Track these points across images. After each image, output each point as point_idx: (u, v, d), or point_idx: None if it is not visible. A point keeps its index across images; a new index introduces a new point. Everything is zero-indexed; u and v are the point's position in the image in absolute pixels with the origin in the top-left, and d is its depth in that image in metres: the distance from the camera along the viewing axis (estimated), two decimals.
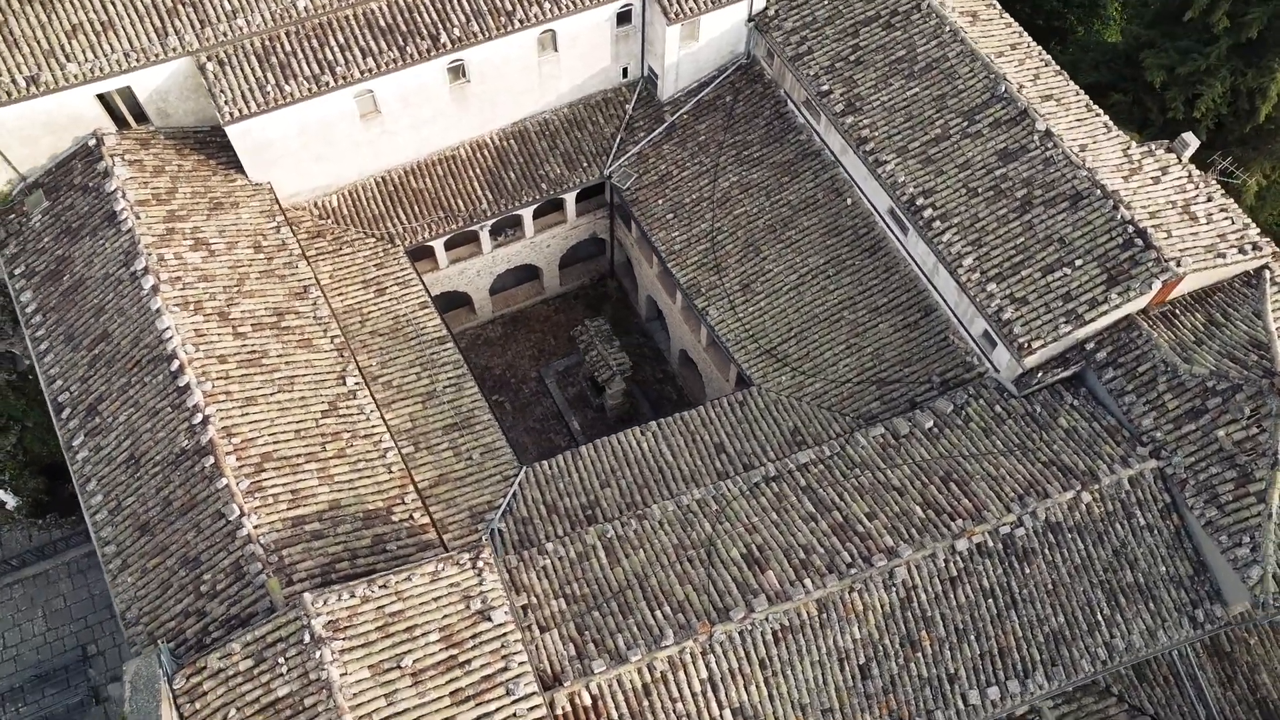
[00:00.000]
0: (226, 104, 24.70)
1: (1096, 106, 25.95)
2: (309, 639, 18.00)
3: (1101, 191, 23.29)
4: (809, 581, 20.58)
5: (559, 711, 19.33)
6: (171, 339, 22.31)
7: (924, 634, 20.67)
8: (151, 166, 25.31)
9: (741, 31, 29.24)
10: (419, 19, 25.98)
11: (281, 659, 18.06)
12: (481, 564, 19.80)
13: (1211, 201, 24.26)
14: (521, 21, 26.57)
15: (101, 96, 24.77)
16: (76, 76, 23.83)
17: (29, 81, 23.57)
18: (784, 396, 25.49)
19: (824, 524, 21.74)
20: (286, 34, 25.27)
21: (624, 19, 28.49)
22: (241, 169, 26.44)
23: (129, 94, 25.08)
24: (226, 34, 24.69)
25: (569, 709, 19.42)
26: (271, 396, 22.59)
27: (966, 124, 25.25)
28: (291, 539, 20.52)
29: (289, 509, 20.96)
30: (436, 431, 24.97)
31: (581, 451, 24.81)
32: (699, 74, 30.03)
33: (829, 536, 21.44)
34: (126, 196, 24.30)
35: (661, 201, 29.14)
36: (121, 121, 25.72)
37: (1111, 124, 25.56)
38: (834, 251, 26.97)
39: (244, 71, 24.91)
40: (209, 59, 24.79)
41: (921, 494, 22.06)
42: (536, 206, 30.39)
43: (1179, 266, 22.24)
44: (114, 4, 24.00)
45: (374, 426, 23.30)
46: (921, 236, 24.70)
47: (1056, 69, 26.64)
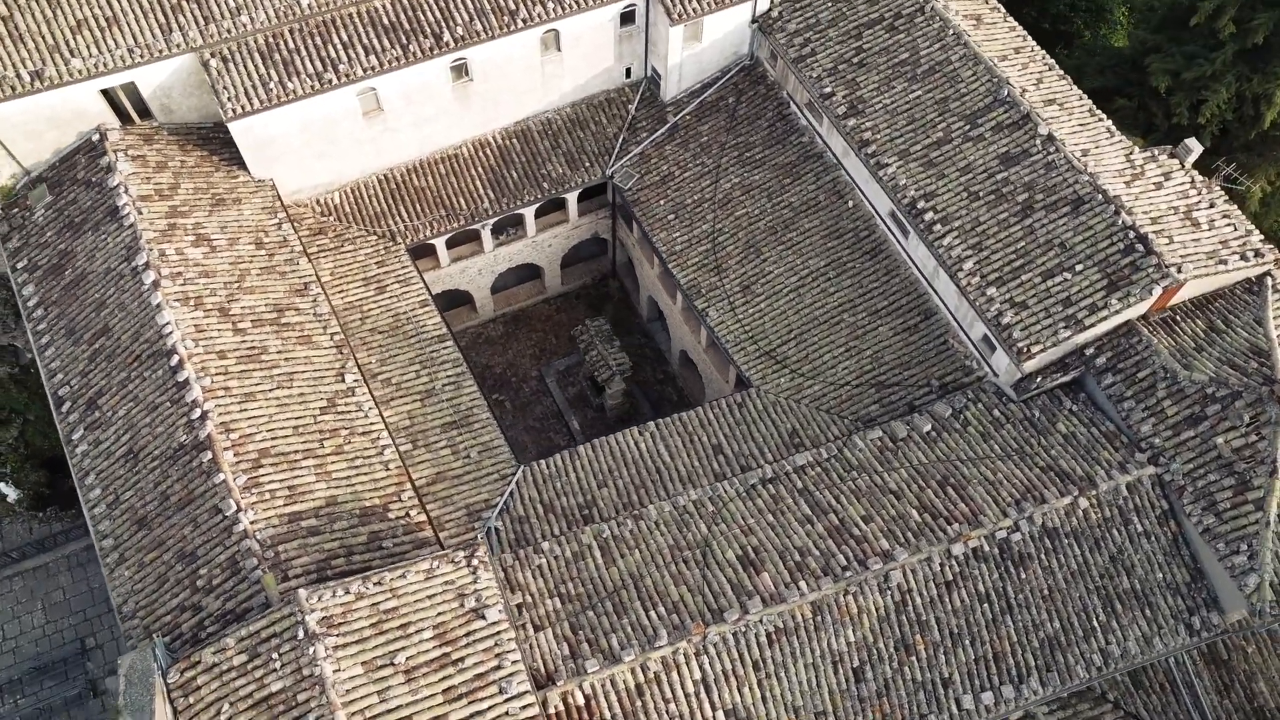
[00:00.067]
0: (229, 100, 24.79)
1: (1100, 111, 25.86)
2: (303, 635, 18.05)
3: (1103, 197, 23.22)
4: (804, 584, 20.56)
5: (552, 710, 19.33)
6: (171, 334, 22.39)
7: (918, 638, 20.63)
8: (154, 162, 25.41)
9: (745, 33, 29.22)
10: (422, 17, 26.03)
11: (275, 654, 18.11)
12: (476, 562, 19.83)
13: (1214, 208, 24.16)
14: (525, 21, 26.59)
15: (106, 92, 24.89)
16: (81, 72, 23.94)
17: (34, 76, 23.69)
18: (783, 398, 25.47)
19: (820, 526, 21.72)
20: (290, 31, 25.35)
21: (627, 19, 28.49)
22: (244, 165, 26.53)
23: (133, 90, 25.20)
24: (230, 31, 24.78)
25: (562, 708, 19.42)
26: (270, 392, 22.65)
27: (968, 127, 25.20)
28: (288, 535, 20.58)
29: (286, 505, 21.02)
30: (435, 429, 25.00)
31: (579, 451, 24.81)
32: (702, 75, 30.03)
33: (825, 539, 21.42)
34: (129, 192, 24.39)
35: (663, 202, 29.14)
36: (125, 117, 25.84)
37: (1114, 129, 25.47)
38: (835, 254, 26.95)
39: (247, 68, 24.99)
40: (212, 55, 24.88)
41: (918, 498, 22.02)
42: (538, 206, 30.41)
43: (1179, 273, 22.17)
44: (119, 0, 24.10)
45: (372, 424, 23.35)
46: (922, 240, 24.66)
47: (1060, 73, 26.57)
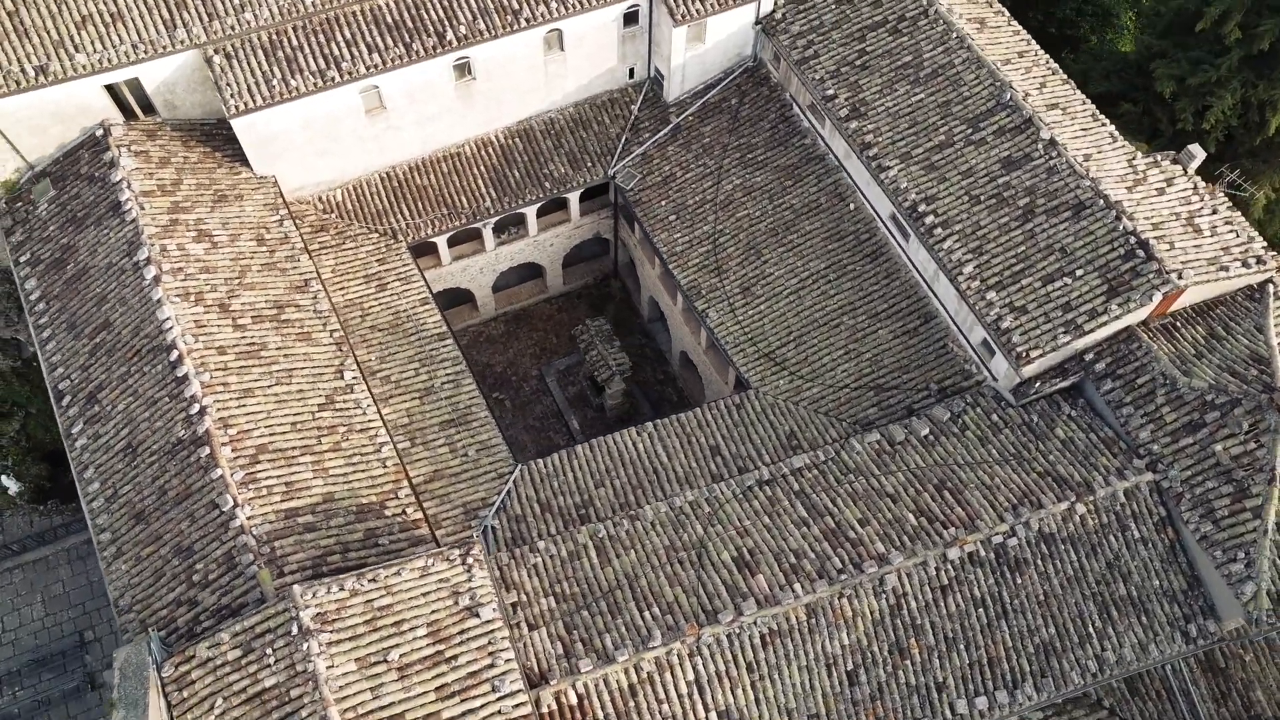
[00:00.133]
0: (232, 97, 24.86)
1: (1103, 116, 25.77)
2: (297, 631, 18.09)
3: (1104, 202, 23.15)
4: (799, 586, 20.54)
5: (545, 710, 19.36)
6: (171, 329, 22.47)
7: (913, 642, 20.59)
8: (157, 158, 25.49)
9: (748, 34, 29.21)
10: (425, 16, 26.08)
11: (269, 650, 18.15)
12: (471, 560, 19.85)
13: (1216, 214, 24.08)
14: (528, 20, 26.62)
15: (110, 87, 24.97)
16: (85, 67, 24.03)
17: (38, 71, 23.80)
18: (781, 400, 25.45)
19: (816, 529, 21.70)
20: (293, 28, 25.41)
21: (631, 19, 28.49)
22: (247, 162, 26.60)
23: (137, 85, 25.28)
24: (234, 27, 24.86)
25: (555, 707, 19.44)
26: (269, 389, 22.71)
27: (971, 131, 25.15)
28: (284, 531, 20.64)
29: (283, 501, 21.07)
30: (433, 427, 25.04)
31: (577, 451, 24.83)
32: (705, 76, 30.02)
33: (820, 542, 21.40)
34: (131, 187, 24.48)
35: (665, 203, 29.14)
36: (129, 112, 25.92)
37: (1117, 134, 25.39)
38: (835, 256, 26.92)
39: (250, 65, 25.06)
40: (216, 52, 24.96)
41: (915, 501, 21.99)
42: (540, 205, 30.44)
43: (1180, 279, 22.09)
44: None
45: (370, 421, 23.39)
46: (922, 243, 24.62)
47: (1063, 78, 26.49)
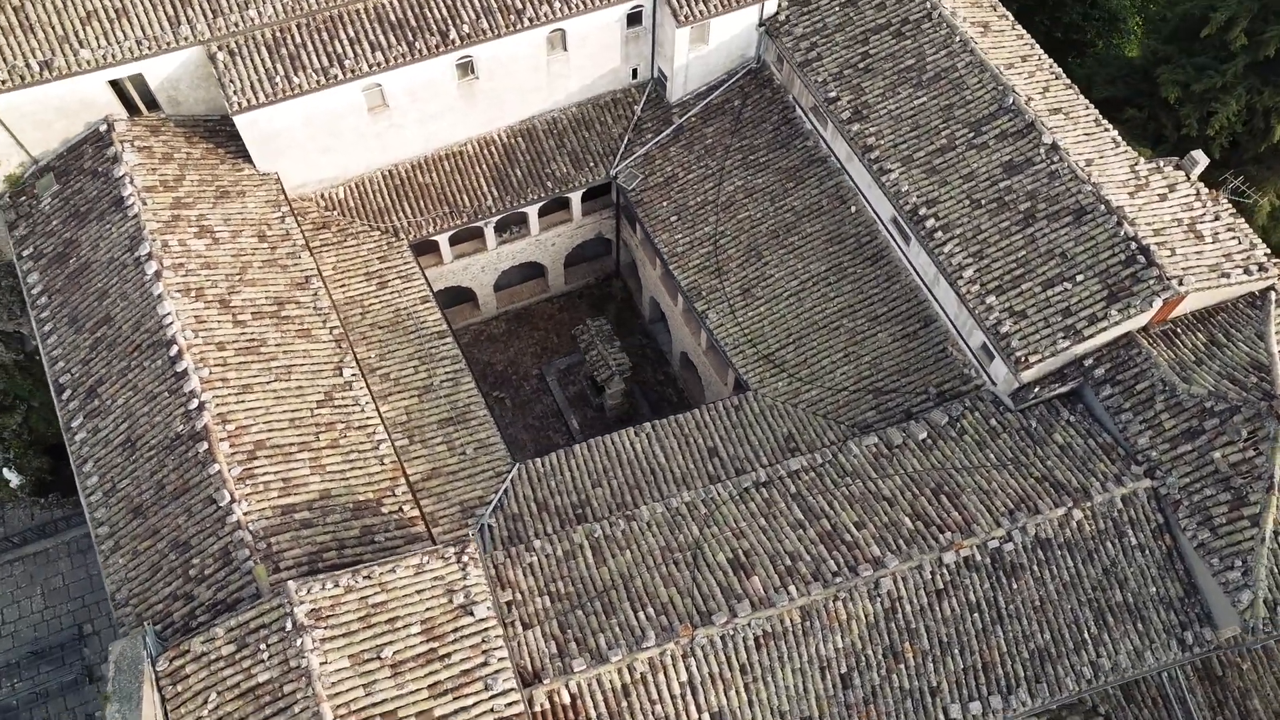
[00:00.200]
0: (235, 94, 24.94)
1: (1106, 121, 25.69)
2: (291, 626, 18.13)
3: (1105, 207, 23.09)
4: (793, 588, 20.53)
5: (537, 709, 19.37)
6: (172, 324, 22.55)
7: (907, 646, 20.56)
8: (160, 153, 25.59)
9: (752, 36, 29.21)
10: (429, 14, 26.13)
11: (263, 645, 18.20)
12: (466, 559, 19.87)
13: (1219, 220, 24.00)
14: (531, 20, 26.66)
15: (114, 83, 25.08)
16: (89, 62, 24.13)
17: (43, 66, 23.90)
18: (780, 402, 25.43)
19: (812, 531, 21.68)
20: (297, 26, 25.49)
21: (634, 20, 28.51)
22: (249, 158, 26.69)
23: (141, 81, 25.39)
24: (238, 24, 24.94)
25: (547, 706, 19.46)
26: (268, 385, 22.77)
27: (973, 135, 25.10)
28: (280, 527, 20.69)
29: (280, 497, 21.12)
30: (431, 425, 25.08)
31: (575, 450, 24.84)
32: (708, 77, 30.02)
33: (816, 544, 21.38)
34: (134, 182, 24.57)
35: (666, 203, 29.14)
36: (133, 108, 26.02)
37: (1120, 139, 25.33)
38: (836, 259, 26.90)
39: (254, 62, 25.14)
40: (220, 48, 25.04)
41: (911, 505, 21.95)
42: (542, 205, 30.47)
43: (1180, 285, 22.02)
44: None
45: (368, 418, 23.44)
46: (923, 246, 24.58)
47: (1066, 82, 26.43)
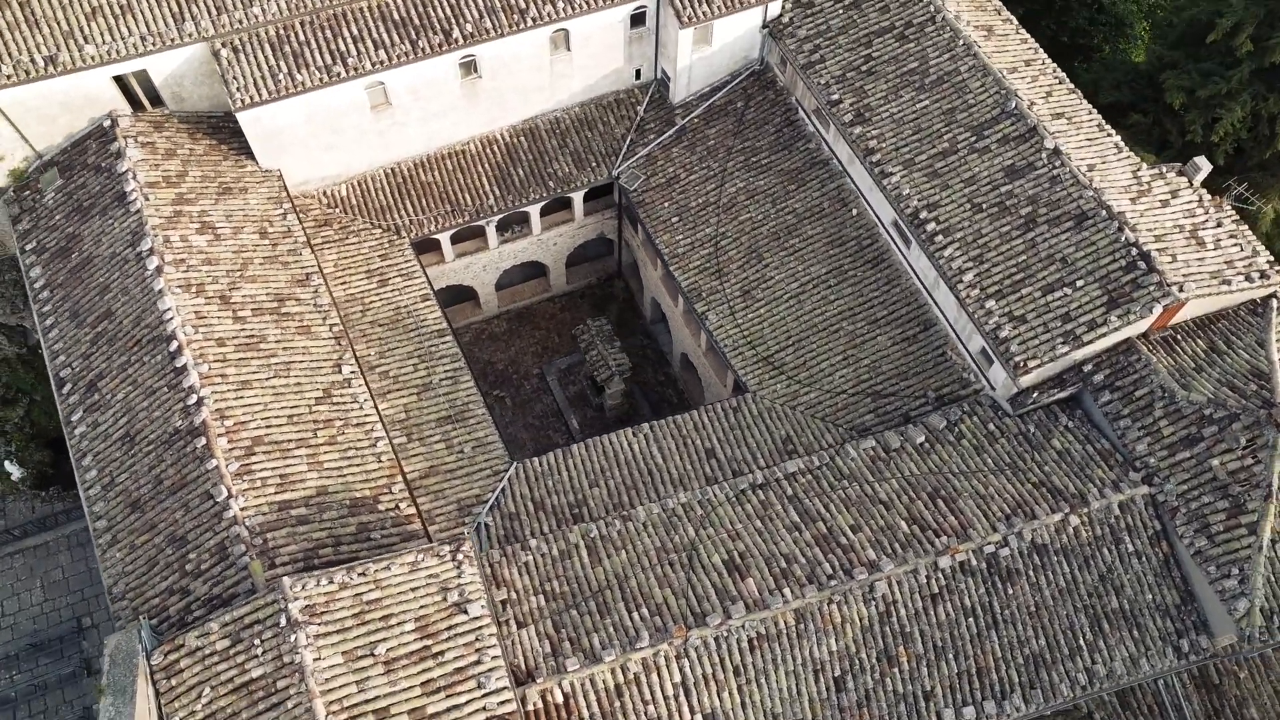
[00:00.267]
0: (238, 90, 25.02)
1: (1109, 126, 25.63)
2: (285, 622, 18.19)
3: (1107, 212, 23.02)
4: (788, 591, 20.51)
5: (530, 707, 19.40)
6: (172, 320, 22.63)
7: (902, 650, 20.53)
8: (163, 149, 25.69)
9: (756, 37, 29.19)
10: (432, 13, 26.17)
11: (257, 640, 18.27)
12: (461, 557, 19.91)
13: (1221, 227, 23.90)
14: (534, 20, 26.68)
15: (118, 79, 25.18)
16: (94, 58, 24.24)
17: (48, 61, 24.00)
18: (778, 404, 25.41)
19: (807, 534, 21.66)
20: (301, 23, 25.55)
21: (638, 20, 28.52)
22: (252, 155, 26.77)
23: (145, 77, 25.48)
24: (242, 21, 25.01)
25: (540, 705, 19.48)
26: (267, 381, 22.83)
27: (975, 139, 25.06)
28: (277, 523, 20.75)
29: (277, 493, 21.19)
30: (430, 423, 25.13)
31: (573, 450, 24.87)
32: (712, 78, 30.02)
33: (811, 547, 21.36)
34: (137, 178, 24.67)
35: (668, 204, 29.15)
36: (137, 104, 26.13)
37: (1123, 144, 25.26)
38: (836, 261, 26.88)
39: (257, 59, 25.22)
40: (224, 45, 25.13)
41: (908, 509, 21.92)
42: (544, 204, 30.50)
43: (1181, 291, 21.95)
44: None
45: (366, 415, 23.49)
46: (923, 250, 24.54)
47: (1070, 87, 26.36)
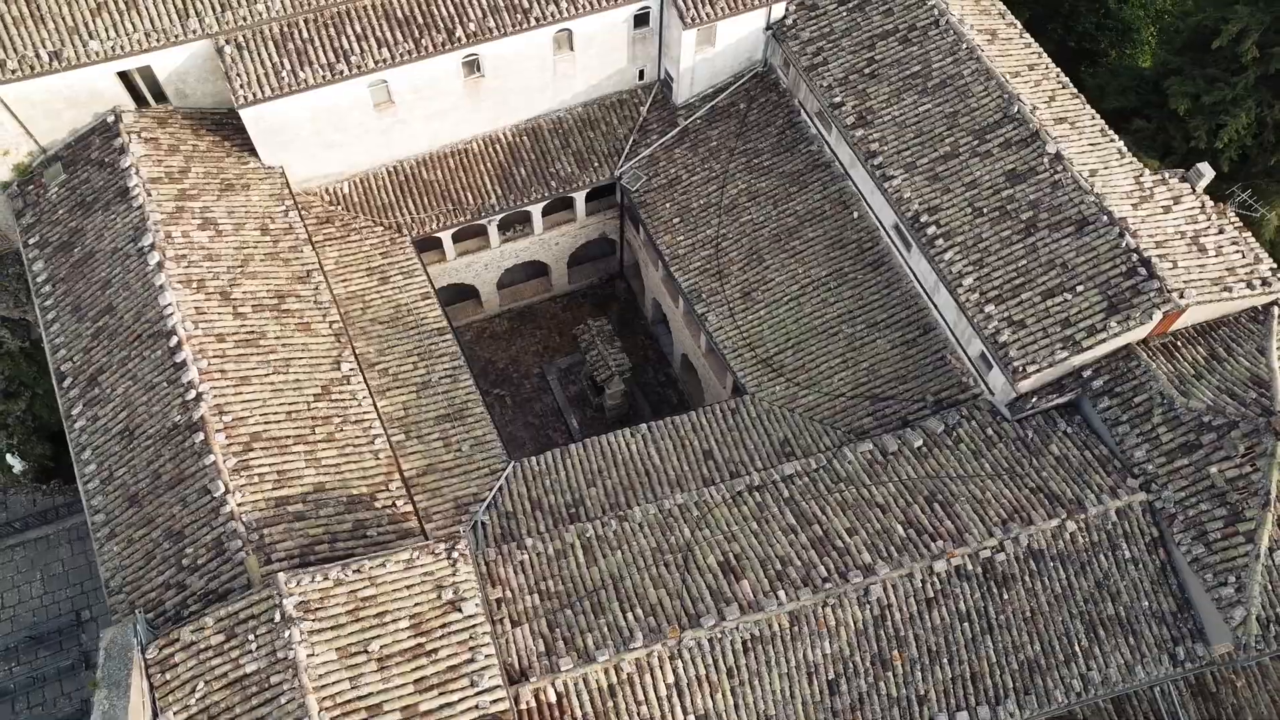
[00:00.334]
0: (242, 87, 25.09)
1: (1112, 132, 25.58)
2: (279, 618, 18.24)
3: (1108, 218, 22.96)
4: (783, 593, 20.51)
5: (523, 706, 19.42)
6: (172, 315, 22.71)
7: (896, 653, 20.51)
8: (166, 145, 25.78)
9: (759, 39, 29.18)
10: (436, 12, 26.22)
11: (251, 636, 18.32)
12: (457, 555, 19.94)
13: (1223, 234, 23.83)
14: (538, 20, 26.72)
15: (122, 74, 25.28)
16: (98, 54, 24.32)
17: (53, 56, 24.11)
18: (776, 407, 25.39)
19: (803, 537, 21.65)
20: (304, 21, 25.63)
21: (642, 21, 28.53)
22: (255, 152, 26.84)
23: (149, 73, 25.58)
24: (246, 18, 25.10)
25: (534, 704, 19.50)
26: (266, 377, 22.90)
27: (976, 143, 25.01)
28: (273, 519, 20.81)
29: (274, 489, 21.24)
30: (428, 421, 25.17)
31: (571, 450, 24.88)
32: (715, 79, 30.01)
33: (807, 549, 21.35)
34: (140, 173, 24.76)
35: (669, 205, 29.16)
36: (141, 100, 26.22)
37: (1126, 150, 25.20)
38: (837, 264, 26.85)
39: (261, 56, 25.29)
40: (227, 42, 25.20)
41: (904, 513, 21.90)
42: (546, 204, 30.53)
43: (1181, 298, 21.88)
44: None
45: (365, 413, 23.54)
46: (924, 253, 24.51)
47: (1073, 92, 26.30)
